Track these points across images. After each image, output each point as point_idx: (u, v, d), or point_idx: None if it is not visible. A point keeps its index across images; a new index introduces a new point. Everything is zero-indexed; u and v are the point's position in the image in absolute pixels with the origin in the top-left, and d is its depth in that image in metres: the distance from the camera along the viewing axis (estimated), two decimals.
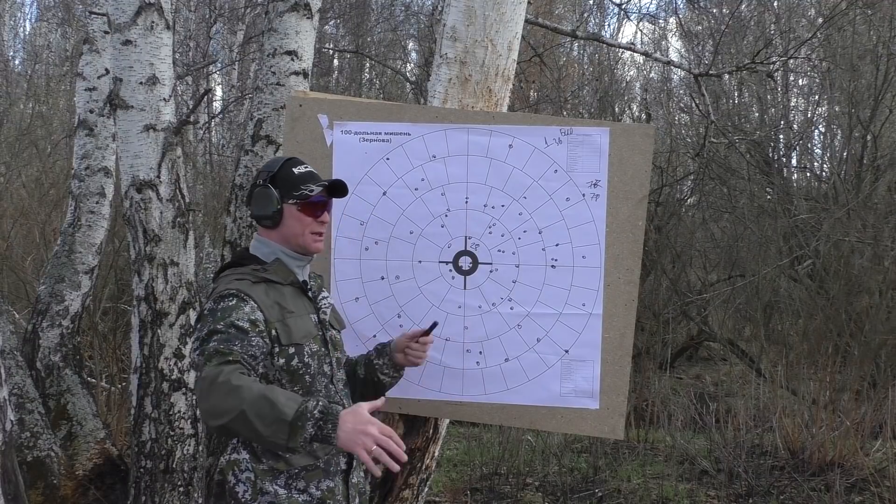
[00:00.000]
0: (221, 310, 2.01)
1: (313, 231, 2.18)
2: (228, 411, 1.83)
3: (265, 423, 1.82)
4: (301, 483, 2.06)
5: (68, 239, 4.62)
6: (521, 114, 4.75)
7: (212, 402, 1.86)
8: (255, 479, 2.04)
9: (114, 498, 4.14)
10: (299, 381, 2.08)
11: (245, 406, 1.81)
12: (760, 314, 7.66)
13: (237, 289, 2.05)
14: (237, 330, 1.98)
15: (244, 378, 1.88)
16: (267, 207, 2.17)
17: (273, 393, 1.85)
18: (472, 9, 2.83)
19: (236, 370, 1.90)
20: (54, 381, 4.37)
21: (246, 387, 1.84)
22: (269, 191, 2.17)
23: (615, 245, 2.68)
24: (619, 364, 2.69)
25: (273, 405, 1.81)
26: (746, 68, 6.06)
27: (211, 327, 1.98)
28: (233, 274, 2.14)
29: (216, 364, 1.91)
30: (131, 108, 3.51)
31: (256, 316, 2.02)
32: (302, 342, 2.09)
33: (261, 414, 1.81)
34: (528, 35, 7.07)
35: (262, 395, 1.82)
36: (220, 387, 1.85)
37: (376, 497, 2.89)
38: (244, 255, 2.23)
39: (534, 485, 5.07)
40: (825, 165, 9.63)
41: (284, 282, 2.15)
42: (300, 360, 2.08)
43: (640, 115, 11.27)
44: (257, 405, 1.81)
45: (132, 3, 3.48)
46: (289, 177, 2.18)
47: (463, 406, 2.74)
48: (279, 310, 2.08)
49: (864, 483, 4.80)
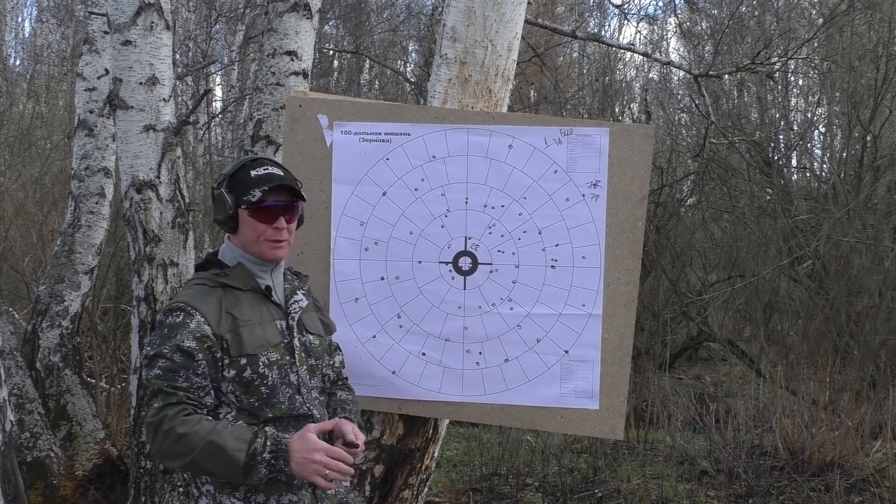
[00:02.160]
0: (169, 326, 1.96)
1: (269, 238, 2.07)
2: (178, 458, 1.88)
3: (218, 467, 1.87)
4: (260, 497, 1.99)
5: (68, 239, 4.62)
6: (520, 114, 4.75)
7: (160, 448, 1.90)
8: (214, 493, 1.99)
9: (113, 498, 4.14)
10: (255, 393, 2.00)
11: (195, 455, 1.86)
12: (760, 314, 7.66)
13: (185, 301, 1.99)
14: (182, 355, 1.93)
15: (189, 423, 1.88)
16: (220, 212, 2.09)
17: (221, 437, 1.86)
18: (472, 9, 2.83)
19: (180, 414, 1.89)
20: (54, 382, 4.37)
21: (192, 433, 1.86)
22: (223, 195, 2.08)
23: (615, 245, 2.68)
24: (619, 364, 2.69)
25: (222, 451, 1.85)
26: (746, 69, 6.06)
27: (157, 349, 1.95)
28: (194, 279, 2.10)
29: (160, 406, 1.90)
30: (131, 108, 3.51)
31: (203, 330, 1.97)
32: (256, 352, 2.01)
33: (213, 459, 1.86)
34: (528, 35, 7.06)
35: (210, 443, 1.85)
36: (167, 435, 1.88)
37: (376, 497, 2.89)
38: (209, 259, 2.15)
39: (534, 485, 5.07)
40: (825, 166, 9.63)
41: (244, 287, 2.06)
42: (253, 370, 2.00)
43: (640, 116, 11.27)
44: (207, 452, 1.85)
45: (132, 4, 3.48)
46: (243, 180, 2.07)
47: (463, 406, 2.74)
48: (231, 320, 2.01)
49: (864, 483, 4.79)
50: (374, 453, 2.85)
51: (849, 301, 6.79)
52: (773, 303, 8.02)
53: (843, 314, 6.56)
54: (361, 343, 2.72)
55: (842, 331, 6.45)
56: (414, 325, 2.71)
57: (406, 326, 2.71)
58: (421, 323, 2.70)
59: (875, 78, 7.70)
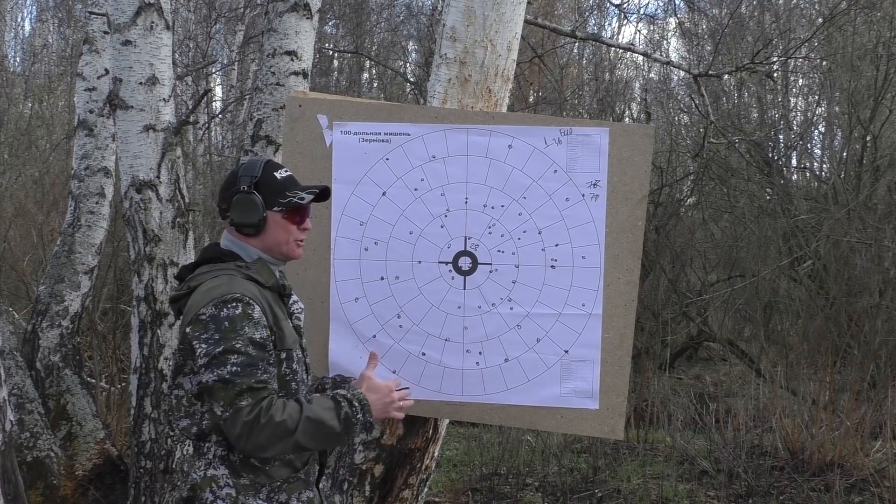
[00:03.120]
0: (228, 319, 1.90)
1: (297, 238, 2.12)
2: (279, 443, 1.92)
3: (318, 442, 1.99)
4: (283, 496, 2.01)
5: (68, 239, 4.62)
6: (520, 114, 4.75)
7: (258, 441, 1.90)
8: (235, 496, 1.97)
9: (113, 498, 4.14)
10: (285, 388, 2.02)
11: (297, 437, 1.92)
12: (760, 314, 7.66)
13: (241, 292, 1.94)
14: (256, 347, 1.92)
15: (280, 408, 1.92)
16: (252, 215, 2.06)
17: (314, 412, 1.95)
18: (472, 9, 2.83)
19: (271, 404, 1.91)
20: (54, 382, 4.37)
21: (289, 418, 1.91)
22: (253, 197, 2.06)
23: (615, 245, 2.68)
24: (619, 364, 2.69)
25: (319, 424, 1.95)
26: (746, 68, 6.06)
27: (226, 345, 1.89)
28: (217, 269, 2.03)
29: (251, 403, 1.89)
30: (131, 108, 3.51)
31: (265, 321, 1.97)
32: (292, 347, 2.05)
33: (313, 436, 1.95)
34: (528, 36, 7.07)
35: (306, 419, 1.94)
36: (265, 427, 1.89)
37: (376, 497, 2.89)
38: (223, 252, 2.10)
39: (533, 485, 5.07)
40: (825, 166, 9.64)
41: (266, 284, 2.06)
42: (288, 366, 2.04)
43: (640, 116, 11.27)
44: (306, 431, 1.93)
45: (132, 4, 3.48)
46: (272, 182, 2.08)
47: (463, 406, 2.74)
48: (272, 312, 2.02)
49: (864, 483, 4.79)
50: (374, 453, 2.85)
51: (849, 301, 6.79)
52: (773, 303, 8.02)
53: (843, 314, 6.56)
54: (361, 343, 2.72)
55: (842, 331, 6.45)
56: (414, 325, 2.71)
57: (406, 326, 2.71)
58: (421, 323, 2.70)
59: (875, 77, 7.70)
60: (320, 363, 2.74)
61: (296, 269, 2.72)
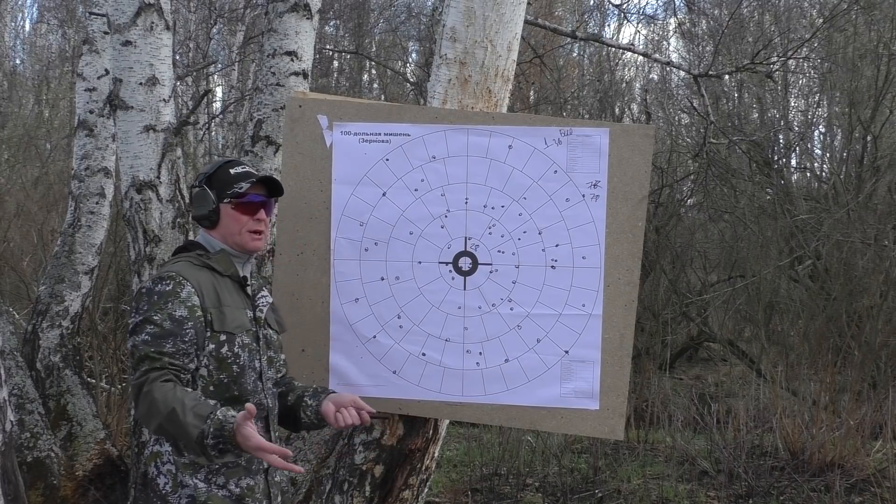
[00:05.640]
0: (158, 293, 2.05)
1: (250, 230, 2.21)
2: (151, 420, 1.97)
3: (179, 436, 1.96)
4: (221, 479, 2.09)
5: (68, 239, 4.62)
6: (520, 114, 4.76)
7: (140, 410, 2.00)
8: (175, 472, 2.08)
9: (114, 498, 4.14)
10: (226, 370, 2.12)
11: (162, 420, 1.94)
12: (761, 315, 7.66)
13: (176, 271, 2.10)
14: (172, 322, 2.03)
15: (163, 389, 1.96)
16: (202, 208, 2.23)
17: (182, 409, 1.92)
18: (472, 9, 2.83)
19: (159, 378, 1.98)
20: (54, 382, 4.37)
21: (161, 399, 1.94)
22: (204, 191, 2.22)
23: (615, 246, 2.68)
24: (619, 365, 2.69)
25: (180, 425, 1.91)
26: (746, 69, 6.05)
27: (146, 315, 2.04)
28: (178, 257, 2.22)
29: (145, 370, 2.00)
30: (131, 108, 3.51)
31: (193, 301, 2.08)
32: (234, 331, 2.14)
33: (175, 427, 1.93)
34: (528, 36, 7.07)
35: (172, 411, 1.92)
36: (145, 397, 1.97)
37: (376, 498, 2.89)
38: (191, 243, 2.29)
39: (534, 485, 5.07)
40: (825, 166, 9.64)
41: (224, 272, 2.19)
42: (230, 349, 2.12)
43: (640, 116, 11.27)
44: (170, 419, 1.93)
45: (132, 4, 3.48)
46: (224, 177, 2.22)
47: (463, 407, 2.73)
48: (216, 296, 2.13)
49: (865, 484, 4.79)
50: (374, 454, 2.85)
51: (849, 301, 6.79)
52: (773, 303, 8.02)
53: (843, 314, 6.56)
54: (362, 343, 2.72)
55: (842, 331, 6.45)
56: (414, 326, 2.71)
57: (406, 327, 2.70)
58: (421, 323, 2.70)
59: (875, 77, 7.70)
60: (320, 364, 2.74)
61: (296, 269, 2.73)
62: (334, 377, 2.74)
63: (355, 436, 2.89)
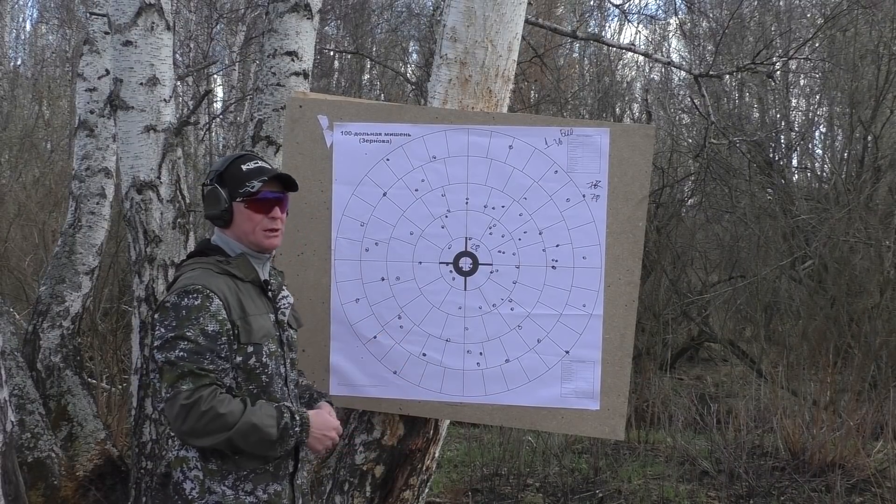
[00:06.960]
0: (186, 308, 1.99)
1: (265, 228, 2.15)
2: (212, 435, 1.96)
3: (251, 445, 2.01)
4: (248, 485, 2.07)
5: (69, 240, 4.62)
6: (521, 114, 4.75)
7: (194, 427, 1.96)
8: (203, 478, 2.05)
9: (114, 499, 4.14)
10: (255, 381, 2.08)
11: (231, 434, 1.96)
12: (761, 315, 7.66)
13: (203, 284, 2.03)
14: (207, 338, 1.99)
15: (226, 404, 1.97)
16: (215, 207, 2.15)
17: (256, 416, 1.98)
18: (472, 10, 2.83)
19: (214, 394, 1.97)
20: (55, 382, 4.37)
21: (230, 413, 1.96)
22: (216, 190, 2.14)
23: (615, 246, 2.68)
24: (620, 365, 2.69)
25: (257, 429, 1.99)
26: (747, 69, 6.05)
27: (178, 332, 1.98)
28: (195, 262, 2.13)
29: (192, 388, 1.96)
30: (132, 108, 3.51)
31: (222, 315, 2.02)
32: (261, 342, 2.10)
33: (247, 439, 1.98)
34: (529, 36, 7.07)
35: (246, 423, 1.98)
36: (203, 415, 1.95)
37: (377, 498, 2.89)
38: (208, 246, 2.19)
39: (534, 485, 5.07)
40: (826, 166, 9.63)
41: (246, 278, 2.12)
42: (258, 359, 2.09)
43: (641, 116, 11.27)
44: (242, 430, 1.98)
45: (132, 4, 3.48)
46: (236, 174, 2.14)
47: (463, 407, 2.74)
48: (240, 306, 2.07)
49: (865, 484, 4.79)
50: (374, 454, 2.85)
51: (849, 301, 6.79)
52: (773, 303, 8.02)
53: (843, 314, 6.56)
54: (362, 343, 2.72)
55: (842, 331, 6.45)
56: (415, 326, 2.71)
57: (407, 327, 2.71)
58: (421, 323, 2.70)
59: (876, 77, 7.70)
60: (320, 364, 2.74)
61: (296, 269, 2.73)
62: (335, 377, 2.74)
63: (356, 436, 2.89)
